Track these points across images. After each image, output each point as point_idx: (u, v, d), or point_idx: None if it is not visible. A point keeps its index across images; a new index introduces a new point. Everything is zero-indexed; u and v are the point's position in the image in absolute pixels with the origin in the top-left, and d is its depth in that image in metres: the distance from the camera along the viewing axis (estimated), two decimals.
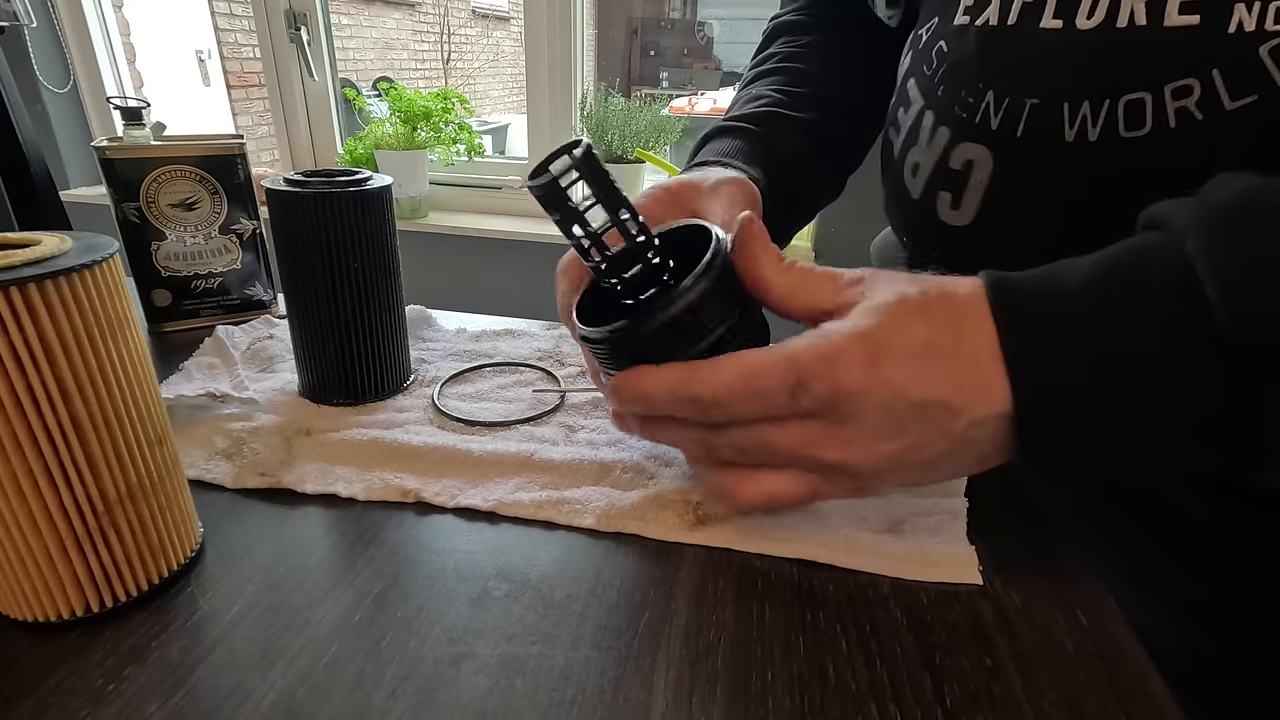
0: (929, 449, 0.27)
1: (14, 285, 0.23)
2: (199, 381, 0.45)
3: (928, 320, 0.26)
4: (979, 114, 0.38)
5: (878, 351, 0.26)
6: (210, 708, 0.25)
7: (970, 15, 0.38)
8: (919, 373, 0.26)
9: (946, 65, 0.40)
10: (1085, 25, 0.33)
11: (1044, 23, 0.35)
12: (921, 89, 0.43)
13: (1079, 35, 0.33)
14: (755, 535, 0.34)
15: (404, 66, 5.13)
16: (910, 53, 0.45)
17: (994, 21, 0.37)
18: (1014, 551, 0.33)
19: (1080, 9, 0.33)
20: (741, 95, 0.55)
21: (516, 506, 0.35)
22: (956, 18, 0.39)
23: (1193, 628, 0.39)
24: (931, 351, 0.26)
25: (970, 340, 0.26)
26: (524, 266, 1.56)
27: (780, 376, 0.27)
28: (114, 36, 1.76)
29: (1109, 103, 0.33)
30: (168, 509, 0.30)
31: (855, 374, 0.26)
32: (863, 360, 0.26)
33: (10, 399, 0.24)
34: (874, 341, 0.26)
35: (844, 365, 0.26)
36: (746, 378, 0.27)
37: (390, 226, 0.43)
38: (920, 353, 0.26)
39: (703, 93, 5.08)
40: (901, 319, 0.26)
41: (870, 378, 0.26)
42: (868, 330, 0.26)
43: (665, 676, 0.27)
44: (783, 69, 0.55)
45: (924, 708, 0.25)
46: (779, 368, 0.27)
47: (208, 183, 0.54)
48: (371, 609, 0.29)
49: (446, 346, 0.54)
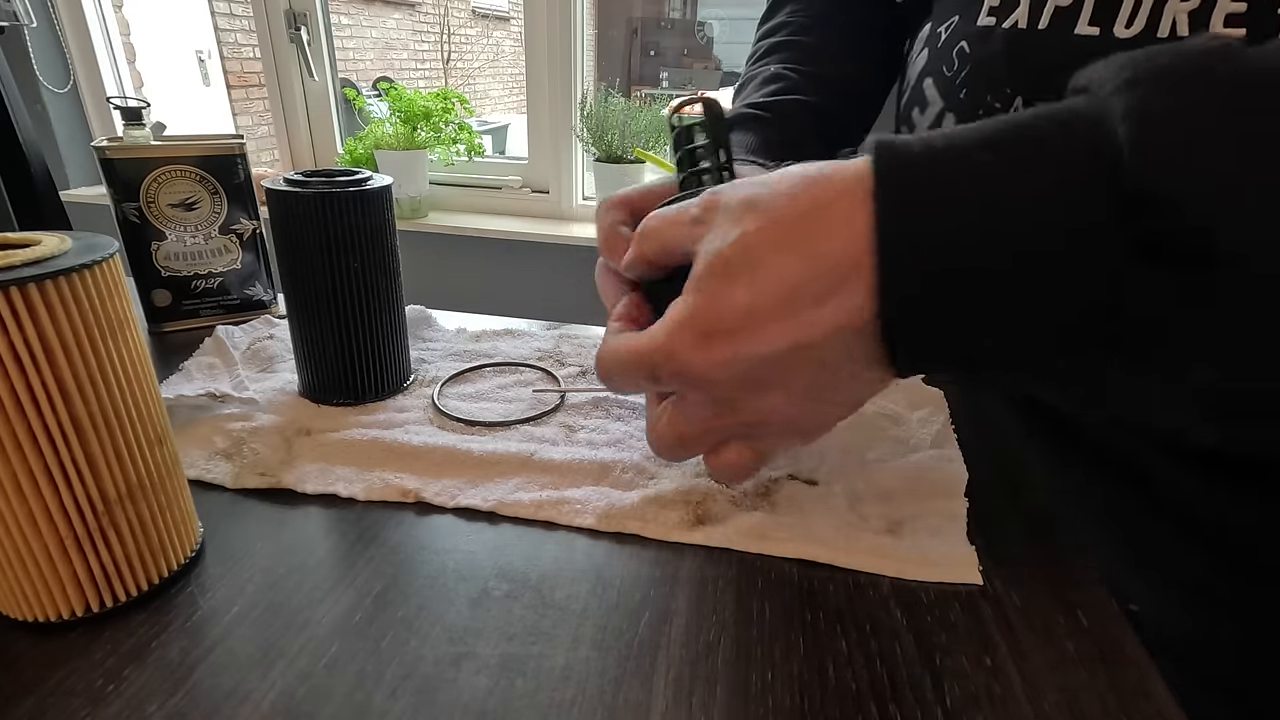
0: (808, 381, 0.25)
1: (14, 285, 0.23)
2: (199, 381, 0.45)
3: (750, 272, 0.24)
4: None
5: (706, 330, 0.25)
6: (210, 708, 0.25)
7: (996, 16, 0.38)
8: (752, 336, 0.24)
9: (970, 67, 0.39)
10: (1124, 34, 0.32)
11: (1079, 29, 0.34)
12: (941, 90, 0.42)
13: (1117, 44, 0.33)
14: (755, 535, 0.34)
15: (404, 66, 5.13)
16: (926, 50, 0.44)
17: (1023, 24, 0.36)
18: (1014, 551, 0.33)
19: (1119, 17, 0.32)
20: (757, 73, 0.54)
21: (516, 506, 0.35)
22: (980, 18, 0.38)
23: (1205, 609, 0.39)
24: (754, 311, 0.24)
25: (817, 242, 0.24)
26: (524, 266, 1.56)
27: (637, 366, 0.27)
28: (114, 36, 1.76)
29: None
30: (168, 509, 0.30)
31: (693, 359, 0.25)
32: (695, 343, 0.25)
33: (10, 399, 0.24)
34: (698, 321, 0.25)
35: (680, 353, 0.25)
36: (618, 362, 0.28)
37: (390, 226, 0.43)
38: (744, 316, 0.24)
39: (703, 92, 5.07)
40: (719, 286, 0.25)
41: (707, 360, 0.25)
42: (692, 310, 0.25)
43: (665, 676, 0.27)
44: (794, 43, 0.54)
45: (924, 708, 0.25)
46: (634, 357, 0.27)
47: (208, 183, 0.54)
48: (371, 609, 0.29)
49: (446, 346, 0.54)
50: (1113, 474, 0.42)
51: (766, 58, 0.55)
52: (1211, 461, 0.37)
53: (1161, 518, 0.40)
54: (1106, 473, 0.42)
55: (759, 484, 0.37)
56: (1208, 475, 0.37)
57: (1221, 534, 0.38)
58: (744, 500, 0.36)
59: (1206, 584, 0.39)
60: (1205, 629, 0.39)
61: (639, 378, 0.27)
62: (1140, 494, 0.41)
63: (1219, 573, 0.38)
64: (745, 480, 0.34)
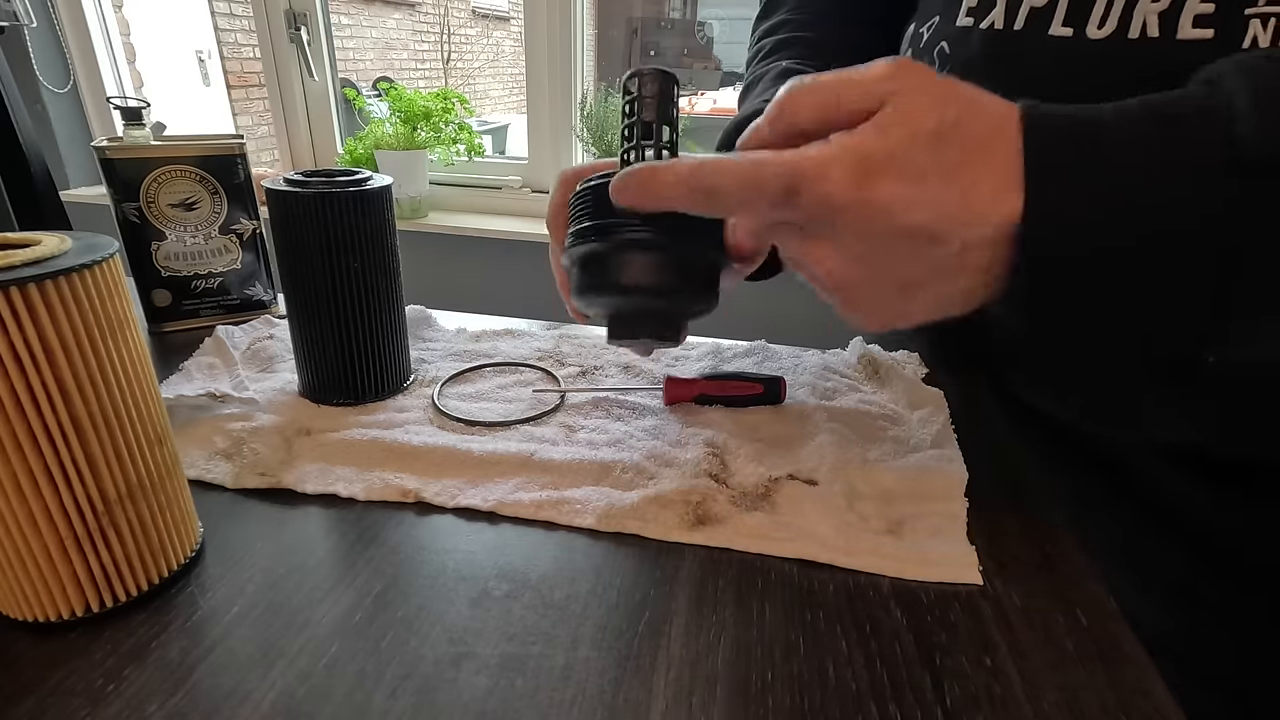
0: (909, 272, 0.26)
1: (14, 285, 0.23)
2: (199, 381, 0.45)
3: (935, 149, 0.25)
4: None
5: (870, 168, 0.25)
6: (210, 708, 0.25)
7: (974, 17, 0.38)
8: (906, 197, 0.25)
9: (949, 67, 0.40)
10: (1096, 35, 0.33)
11: (1053, 30, 0.34)
12: None
13: (1089, 45, 0.33)
14: (755, 535, 0.34)
15: (404, 66, 5.13)
16: (910, 50, 0.45)
17: (999, 25, 0.37)
18: (1014, 551, 0.33)
19: (1091, 18, 0.33)
20: (765, 70, 0.53)
21: (516, 506, 0.35)
22: (959, 18, 0.39)
23: (1186, 610, 0.40)
24: (924, 177, 0.25)
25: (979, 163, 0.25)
26: (524, 266, 1.56)
27: (779, 176, 0.26)
28: (114, 36, 1.76)
29: None
30: (168, 509, 0.30)
31: (841, 187, 0.25)
32: (853, 174, 0.25)
33: (10, 399, 0.24)
34: (868, 158, 0.25)
35: (834, 176, 0.25)
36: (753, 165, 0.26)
37: (390, 226, 0.43)
38: (915, 177, 0.25)
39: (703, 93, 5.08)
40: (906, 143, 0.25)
41: (854, 195, 0.25)
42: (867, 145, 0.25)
43: (665, 676, 0.27)
44: (798, 39, 0.54)
45: (924, 708, 0.25)
46: (781, 165, 0.26)
47: (208, 183, 0.54)
48: (371, 609, 0.29)
49: (446, 346, 0.54)
50: (1103, 475, 0.42)
51: (773, 55, 0.54)
52: (1196, 464, 0.37)
53: (1146, 519, 0.40)
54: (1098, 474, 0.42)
55: (759, 484, 0.37)
56: (1192, 477, 0.37)
57: (1205, 536, 0.38)
58: (744, 500, 0.36)
59: (1188, 585, 0.39)
60: (1187, 629, 0.39)
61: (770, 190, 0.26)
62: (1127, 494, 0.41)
63: (1202, 575, 0.39)
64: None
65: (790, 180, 0.26)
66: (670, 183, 0.28)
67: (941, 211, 0.25)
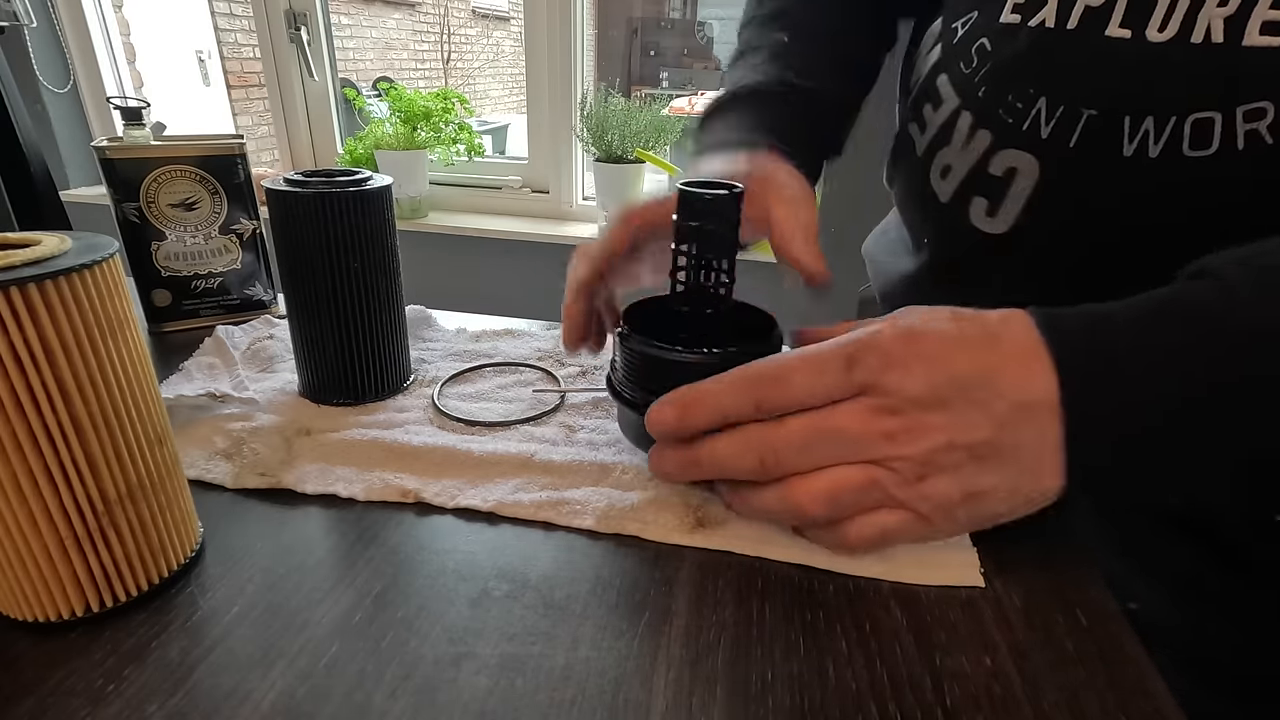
0: (975, 430, 0.28)
1: (14, 285, 0.23)
2: (199, 381, 0.45)
3: (959, 323, 0.29)
4: (1028, 120, 0.36)
5: (915, 334, 0.29)
6: (210, 708, 0.25)
7: (1021, 14, 0.37)
8: (953, 351, 0.28)
9: (991, 65, 0.38)
10: (1157, 38, 0.32)
11: (1110, 30, 0.33)
12: (957, 87, 0.41)
13: (1149, 48, 0.32)
14: (754, 539, 0.34)
15: (404, 66, 5.13)
16: (939, 45, 0.43)
17: (1050, 24, 0.35)
18: (1014, 551, 0.33)
19: (1152, 20, 0.32)
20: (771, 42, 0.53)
21: (516, 507, 0.35)
22: (1004, 15, 0.37)
23: (1194, 604, 0.39)
24: (964, 339, 0.28)
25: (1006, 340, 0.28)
26: (524, 266, 1.57)
27: (835, 352, 0.29)
28: (114, 36, 1.76)
29: (1175, 120, 0.32)
30: (168, 509, 0.30)
31: (898, 349, 0.28)
32: (903, 340, 0.28)
33: (10, 399, 0.24)
34: (911, 328, 0.29)
35: (888, 344, 0.28)
36: (807, 355, 0.29)
37: (390, 226, 0.43)
38: (953, 339, 0.28)
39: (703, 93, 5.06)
40: (933, 318, 0.29)
41: (909, 352, 0.28)
42: (905, 323, 0.29)
43: (665, 676, 0.27)
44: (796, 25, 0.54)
45: (924, 708, 0.25)
46: (835, 345, 0.29)
47: (208, 183, 0.54)
48: (371, 609, 0.29)
49: (446, 346, 0.54)
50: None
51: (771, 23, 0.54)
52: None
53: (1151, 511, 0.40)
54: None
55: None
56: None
57: (1210, 529, 0.38)
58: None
59: (1195, 579, 0.39)
60: (1195, 624, 0.39)
61: (832, 368, 0.29)
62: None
63: (1209, 568, 0.38)
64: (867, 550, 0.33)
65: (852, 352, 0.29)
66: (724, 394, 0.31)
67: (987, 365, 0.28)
